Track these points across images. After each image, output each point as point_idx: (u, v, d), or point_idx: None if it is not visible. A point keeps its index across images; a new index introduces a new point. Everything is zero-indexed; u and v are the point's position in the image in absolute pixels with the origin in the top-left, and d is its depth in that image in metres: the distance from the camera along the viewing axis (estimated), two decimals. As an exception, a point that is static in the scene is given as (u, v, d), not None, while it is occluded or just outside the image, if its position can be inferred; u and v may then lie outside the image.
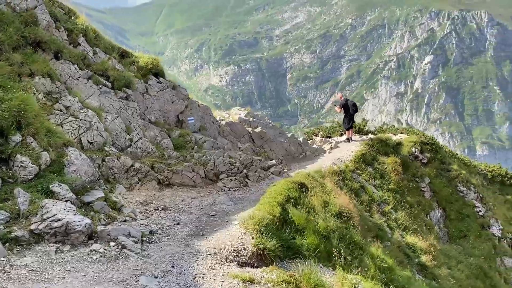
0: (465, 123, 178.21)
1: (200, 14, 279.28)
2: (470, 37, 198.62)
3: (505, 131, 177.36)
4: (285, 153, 14.81)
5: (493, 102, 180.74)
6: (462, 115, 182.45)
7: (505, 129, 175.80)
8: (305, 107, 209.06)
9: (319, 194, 9.86)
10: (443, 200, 18.04)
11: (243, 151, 13.02)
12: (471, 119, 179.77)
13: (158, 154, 10.03)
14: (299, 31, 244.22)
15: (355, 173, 15.20)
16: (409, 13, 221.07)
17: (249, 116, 15.68)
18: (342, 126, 20.60)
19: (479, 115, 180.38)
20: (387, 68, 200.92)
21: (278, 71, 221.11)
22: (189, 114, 12.17)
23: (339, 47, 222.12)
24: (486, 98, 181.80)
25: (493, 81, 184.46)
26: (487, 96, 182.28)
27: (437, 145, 19.98)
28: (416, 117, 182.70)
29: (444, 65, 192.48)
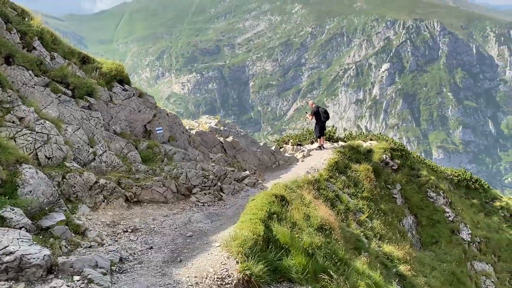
0: (421, 128, 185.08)
1: (161, 21, 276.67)
2: (424, 45, 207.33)
3: (459, 135, 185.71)
4: (258, 163, 14.22)
5: (446, 108, 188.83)
6: (418, 120, 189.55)
7: (459, 133, 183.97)
8: (268, 114, 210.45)
9: (300, 207, 9.33)
10: (414, 206, 18.04)
11: (215, 162, 12.34)
12: (426, 124, 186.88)
13: (125, 168, 9.17)
14: (261, 39, 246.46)
15: (329, 181, 14.85)
16: (366, 22, 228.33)
17: (220, 124, 14.95)
18: (312, 134, 20.32)
19: (434, 120, 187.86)
20: (346, 75, 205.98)
21: (241, 79, 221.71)
22: (157, 124, 11.33)
23: (300, 55, 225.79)
24: (440, 104, 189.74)
25: (446, 88, 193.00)
26: (441, 102, 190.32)
27: (406, 152, 20.09)
28: (375, 123, 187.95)
29: (400, 73, 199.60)
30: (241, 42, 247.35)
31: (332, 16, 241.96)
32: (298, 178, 12.42)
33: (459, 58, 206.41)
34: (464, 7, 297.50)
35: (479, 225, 20.63)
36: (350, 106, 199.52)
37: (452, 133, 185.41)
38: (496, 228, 21.44)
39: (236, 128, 15.47)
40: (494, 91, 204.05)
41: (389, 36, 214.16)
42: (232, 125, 15.40)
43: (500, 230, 21.48)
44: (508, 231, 21.76)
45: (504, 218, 22.53)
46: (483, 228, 20.74)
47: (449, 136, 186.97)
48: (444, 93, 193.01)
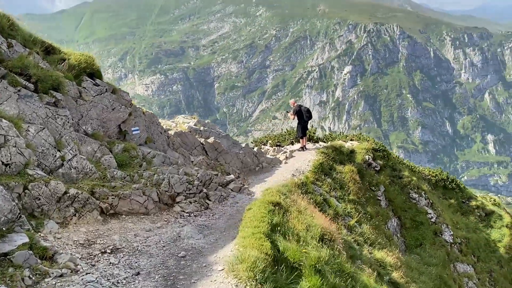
0: (383, 129, 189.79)
1: (124, 22, 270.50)
2: (384, 48, 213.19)
3: (418, 135, 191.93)
4: (241, 166, 13.19)
5: (406, 109, 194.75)
6: (380, 121, 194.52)
7: (418, 134, 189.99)
8: (233, 115, 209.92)
9: (298, 216, 8.37)
10: (398, 208, 17.50)
11: (197, 165, 11.19)
12: (387, 125, 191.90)
13: (98, 175, 7.87)
14: (225, 41, 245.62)
15: (316, 184, 14.02)
16: (329, 26, 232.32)
17: (199, 124, 13.72)
18: (292, 134, 19.48)
19: (394, 121, 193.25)
20: (310, 78, 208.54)
21: (206, 81, 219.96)
22: (133, 123, 10.04)
23: (264, 57, 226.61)
24: (400, 105, 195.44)
25: (406, 90, 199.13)
26: (401, 103, 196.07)
27: (387, 152, 19.63)
28: (338, 124, 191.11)
29: (362, 75, 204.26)
30: (205, 43, 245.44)
31: (296, 19, 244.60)
32: (286, 182, 11.49)
33: (418, 61, 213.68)
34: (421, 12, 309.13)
35: (458, 225, 20.47)
36: (314, 107, 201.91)
37: (412, 133, 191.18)
38: (473, 228, 21.38)
39: (216, 128, 14.32)
40: (451, 93, 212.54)
41: (351, 40, 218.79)
42: (212, 125, 14.21)
43: (477, 230, 21.43)
44: (484, 230, 21.75)
45: (480, 217, 22.54)
46: (462, 228, 20.60)
47: (409, 137, 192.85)
48: (403, 95, 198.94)
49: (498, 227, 22.33)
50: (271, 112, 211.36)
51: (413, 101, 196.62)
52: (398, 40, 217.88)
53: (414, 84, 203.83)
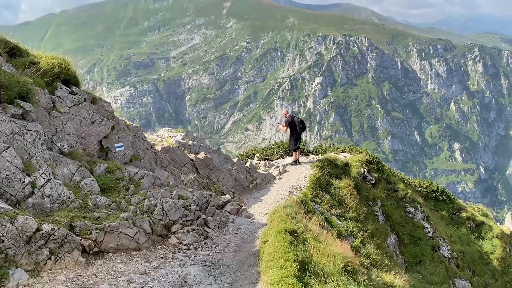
0: (353, 139, 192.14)
1: (91, 34, 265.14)
2: (353, 60, 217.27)
3: (388, 144, 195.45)
4: (235, 183, 11.89)
5: (376, 119, 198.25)
6: (350, 131, 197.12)
7: (388, 143, 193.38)
8: (205, 127, 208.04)
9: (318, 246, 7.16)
10: (395, 224, 16.65)
11: (188, 184, 9.82)
12: (358, 135, 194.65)
13: (78, 203, 6.39)
14: (196, 53, 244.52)
15: (314, 202, 12.91)
16: (299, 38, 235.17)
17: (187, 138, 12.28)
18: (281, 147, 18.31)
19: (365, 131, 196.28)
20: (281, 89, 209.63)
21: (177, 92, 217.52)
22: (116, 138, 8.59)
23: (236, 69, 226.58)
24: (370, 115, 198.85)
25: (375, 100, 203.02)
26: (370, 113, 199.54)
27: (381, 164, 18.78)
28: (310, 134, 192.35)
29: (332, 86, 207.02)
30: (176, 55, 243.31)
31: (266, 31, 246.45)
32: (289, 201, 10.27)
33: (386, 72, 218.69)
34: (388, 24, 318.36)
35: (452, 238, 19.77)
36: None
37: (382, 142, 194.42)
38: (466, 241, 20.76)
39: (205, 142, 12.87)
40: (418, 102, 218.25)
41: (320, 51, 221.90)
42: (200, 138, 12.75)
43: (470, 242, 20.81)
44: (477, 242, 21.19)
45: (471, 229, 22.00)
46: (456, 241, 19.91)
47: (379, 146, 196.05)
48: (373, 105, 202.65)
49: (489, 238, 21.85)
50: (243, 124, 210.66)
51: (382, 111, 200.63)
52: (367, 52, 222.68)
53: (383, 94, 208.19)
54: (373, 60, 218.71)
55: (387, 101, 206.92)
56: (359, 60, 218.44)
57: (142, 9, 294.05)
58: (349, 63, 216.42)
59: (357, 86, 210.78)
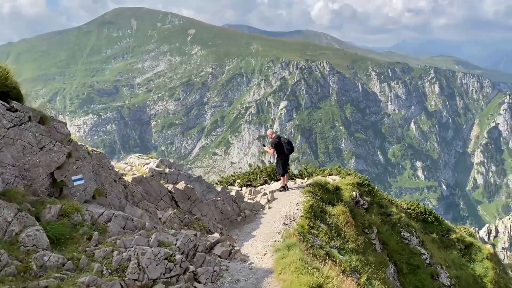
0: (319, 160, 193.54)
1: (53, 62, 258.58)
2: (316, 84, 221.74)
3: (352, 165, 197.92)
4: (221, 217, 10.00)
5: (340, 140, 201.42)
6: (316, 153, 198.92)
7: (352, 164, 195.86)
8: (172, 153, 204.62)
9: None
10: (393, 252, 15.23)
11: (167, 223, 7.91)
12: (323, 156, 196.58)
13: (15, 267, 4.40)
14: (161, 79, 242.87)
15: (311, 233, 11.25)
16: (263, 63, 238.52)
17: (163, 165, 10.24)
18: (264, 171, 16.63)
19: (330, 152, 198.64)
20: (248, 113, 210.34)
21: (142, 119, 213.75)
22: (74, 169, 6.57)
23: (202, 95, 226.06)
24: (334, 137, 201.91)
25: (339, 122, 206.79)
26: (335, 135, 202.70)
27: (372, 187, 17.44)
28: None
29: (297, 109, 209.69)
30: (140, 82, 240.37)
31: (231, 58, 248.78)
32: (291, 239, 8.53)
33: (348, 94, 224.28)
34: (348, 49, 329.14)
35: (447, 263, 18.48)
36: (254, 142, 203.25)
37: (347, 163, 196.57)
38: (459, 265, 19.60)
39: (183, 169, 10.90)
40: (380, 123, 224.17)
41: (284, 76, 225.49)
42: (178, 165, 10.73)
43: (463, 266, 19.63)
44: (469, 266, 20.16)
45: (461, 251, 20.91)
46: (451, 266, 18.68)
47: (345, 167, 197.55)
48: (337, 127, 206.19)
49: (480, 260, 20.84)
50: (211, 148, 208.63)
51: (346, 132, 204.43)
52: (329, 76, 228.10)
53: (346, 117, 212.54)
54: (335, 84, 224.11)
55: (350, 123, 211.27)
56: (321, 84, 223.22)
57: (105, 37, 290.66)
58: (312, 87, 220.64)
59: (321, 109, 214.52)
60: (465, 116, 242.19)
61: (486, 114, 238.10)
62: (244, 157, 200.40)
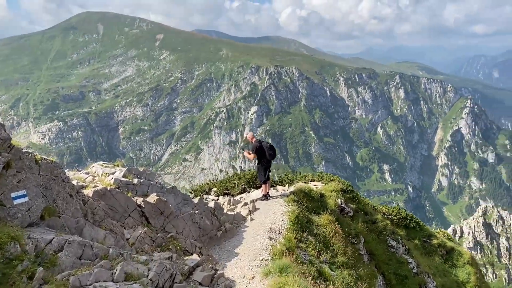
0: (290, 165, 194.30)
1: (15, 67, 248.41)
2: (286, 89, 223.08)
3: (322, 169, 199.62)
4: (199, 233, 8.60)
5: (310, 145, 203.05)
6: (287, 158, 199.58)
7: (322, 168, 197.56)
8: (141, 160, 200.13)
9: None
10: (380, 262, 14.31)
11: (137, 245, 6.54)
12: (294, 161, 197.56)
13: None
14: (129, 84, 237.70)
15: (299, 247, 10.11)
16: (233, 69, 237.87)
17: (131, 175, 8.58)
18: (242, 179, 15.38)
19: (300, 157, 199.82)
20: (218, 118, 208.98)
21: (109, 125, 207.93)
22: (14, 183, 5.07)
23: (171, 100, 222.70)
24: (304, 142, 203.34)
25: (308, 127, 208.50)
26: (305, 140, 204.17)
27: (356, 193, 16.54)
28: (248, 162, 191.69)
29: (268, 115, 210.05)
30: (107, 87, 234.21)
31: (200, 63, 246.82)
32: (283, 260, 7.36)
33: (317, 100, 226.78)
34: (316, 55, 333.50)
35: (432, 271, 17.78)
36: (224, 147, 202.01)
37: (317, 167, 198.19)
38: (443, 271, 18.99)
39: (155, 178, 9.31)
40: (348, 128, 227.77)
41: (254, 81, 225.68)
42: (149, 174, 9.11)
43: (446, 272, 19.07)
44: (452, 272, 19.63)
45: (443, 257, 20.36)
46: (436, 273, 18.01)
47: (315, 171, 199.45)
48: (306, 131, 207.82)
49: (461, 265, 20.39)
50: (181, 155, 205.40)
51: (315, 137, 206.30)
52: (298, 81, 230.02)
53: (315, 121, 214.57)
54: (304, 89, 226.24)
55: (319, 127, 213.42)
56: (291, 89, 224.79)
57: (70, 42, 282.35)
58: (282, 92, 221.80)
59: (291, 114, 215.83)
60: (430, 120, 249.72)
61: (449, 118, 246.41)
62: (215, 163, 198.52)
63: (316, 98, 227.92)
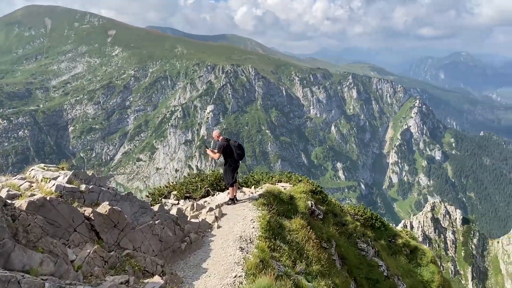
0: (247, 164, 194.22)
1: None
2: (242, 88, 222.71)
3: (278, 167, 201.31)
4: (160, 246, 7.25)
5: (266, 144, 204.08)
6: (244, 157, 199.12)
7: (278, 166, 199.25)
8: (92, 160, 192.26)
9: None
10: (352, 267, 13.61)
11: (84, 269, 5.23)
12: (251, 159, 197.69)
13: None
14: (79, 81, 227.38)
15: (273, 258, 9.10)
16: (188, 67, 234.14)
17: (77, 181, 6.87)
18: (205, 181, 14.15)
19: (257, 155, 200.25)
20: (173, 117, 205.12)
21: (58, 124, 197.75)
22: None
23: (124, 98, 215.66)
24: (261, 141, 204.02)
25: (265, 126, 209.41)
26: (261, 139, 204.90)
27: (325, 194, 15.80)
28: (205, 162, 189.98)
29: (224, 113, 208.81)
30: (56, 84, 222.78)
31: (154, 60, 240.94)
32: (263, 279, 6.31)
33: (273, 99, 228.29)
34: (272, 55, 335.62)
35: (399, 272, 17.42)
36: (180, 147, 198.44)
37: (273, 166, 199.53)
38: (408, 271, 18.81)
39: (106, 183, 7.71)
40: (303, 127, 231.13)
41: (210, 80, 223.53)
42: (99, 178, 7.51)
43: (412, 272, 18.88)
44: (417, 271, 19.48)
45: (407, 256, 20.17)
46: (403, 275, 17.66)
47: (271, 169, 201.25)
48: (263, 130, 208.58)
49: (425, 264, 20.34)
50: (135, 154, 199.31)
51: (272, 136, 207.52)
52: (254, 80, 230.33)
53: (271, 121, 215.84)
54: (260, 88, 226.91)
55: (275, 126, 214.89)
56: (247, 88, 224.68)
57: (15, 36, 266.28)
58: (238, 91, 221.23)
59: (247, 113, 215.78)
60: (381, 119, 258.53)
61: (399, 117, 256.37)
62: (171, 163, 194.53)
63: (272, 97, 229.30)
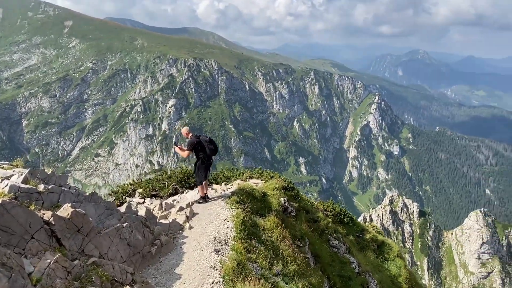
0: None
1: None
2: (205, 82, 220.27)
3: (242, 163, 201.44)
4: (129, 251, 6.54)
5: (230, 139, 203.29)
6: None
7: (242, 161, 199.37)
8: (48, 155, 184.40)
9: None
10: (325, 264, 13.37)
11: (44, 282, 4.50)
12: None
13: None
14: (34, 74, 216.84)
15: (250, 259, 8.63)
16: (149, 60, 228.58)
17: (33, 180, 5.94)
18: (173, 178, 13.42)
19: (220, 151, 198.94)
20: (134, 111, 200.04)
21: (11, 118, 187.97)
22: None
23: (81, 91, 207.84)
24: (224, 136, 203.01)
25: (228, 121, 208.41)
26: (224, 134, 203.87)
27: (297, 190, 15.47)
28: (167, 157, 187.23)
29: (186, 108, 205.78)
30: (9, 76, 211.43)
31: (114, 52, 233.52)
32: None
33: (236, 94, 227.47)
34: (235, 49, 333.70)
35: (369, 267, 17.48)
36: (141, 142, 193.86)
37: (236, 161, 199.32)
38: (377, 266, 18.92)
39: (66, 182, 6.80)
40: (266, 122, 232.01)
41: (172, 73, 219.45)
42: (60, 177, 6.58)
43: (380, 267, 19.01)
44: (384, 266, 19.64)
45: (375, 251, 20.34)
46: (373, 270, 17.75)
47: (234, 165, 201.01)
48: (226, 125, 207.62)
49: (392, 259, 20.62)
50: (93, 149, 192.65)
51: (235, 131, 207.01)
52: (217, 75, 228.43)
53: (234, 115, 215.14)
54: (224, 83, 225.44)
55: (238, 121, 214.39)
56: (210, 83, 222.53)
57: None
58: (201, 85, 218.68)
59: (210, 108, 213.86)
60: (341, 115, 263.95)
61: (359, 113, 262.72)
62: (131, 158, 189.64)
63: (235, 92, 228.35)
